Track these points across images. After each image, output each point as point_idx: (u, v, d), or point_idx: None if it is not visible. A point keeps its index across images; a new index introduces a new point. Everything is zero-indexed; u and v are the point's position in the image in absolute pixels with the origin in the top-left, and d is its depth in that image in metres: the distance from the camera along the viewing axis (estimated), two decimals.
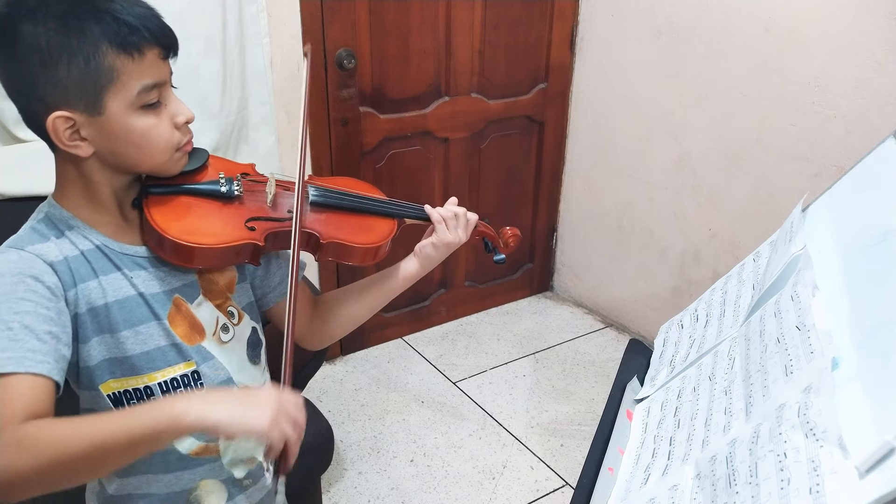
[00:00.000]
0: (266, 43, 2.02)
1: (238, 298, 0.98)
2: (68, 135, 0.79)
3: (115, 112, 0.79)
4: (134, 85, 0.79)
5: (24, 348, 0.75)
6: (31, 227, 0.85)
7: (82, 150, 0.80)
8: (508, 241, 1.22)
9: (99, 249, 0.85)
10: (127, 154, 0.83)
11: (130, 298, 0.86)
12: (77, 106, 0.78)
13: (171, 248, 0.86)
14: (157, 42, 0.80)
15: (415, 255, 1.09)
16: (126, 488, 0.93)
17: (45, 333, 0.77)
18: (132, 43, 0.77)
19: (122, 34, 0.77)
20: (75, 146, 0.80)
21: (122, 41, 0.77)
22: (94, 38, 0.76)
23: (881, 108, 1.84)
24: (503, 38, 2.52)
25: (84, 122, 0.79)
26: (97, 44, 0.76)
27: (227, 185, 0.92)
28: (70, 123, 0.78)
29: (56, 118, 0.77)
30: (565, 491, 2.02)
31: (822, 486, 0.55)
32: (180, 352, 0.89)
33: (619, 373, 1.02)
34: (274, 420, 0.73)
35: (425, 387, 2.47)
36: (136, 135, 0.81)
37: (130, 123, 0.81)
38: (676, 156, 2.43)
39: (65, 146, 0.79)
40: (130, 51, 0.78)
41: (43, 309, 0.78)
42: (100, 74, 0.77)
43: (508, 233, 1.22)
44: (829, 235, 0.86)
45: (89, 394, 0.87)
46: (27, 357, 0.74)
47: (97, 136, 0.80)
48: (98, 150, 0.81)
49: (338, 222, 1.00)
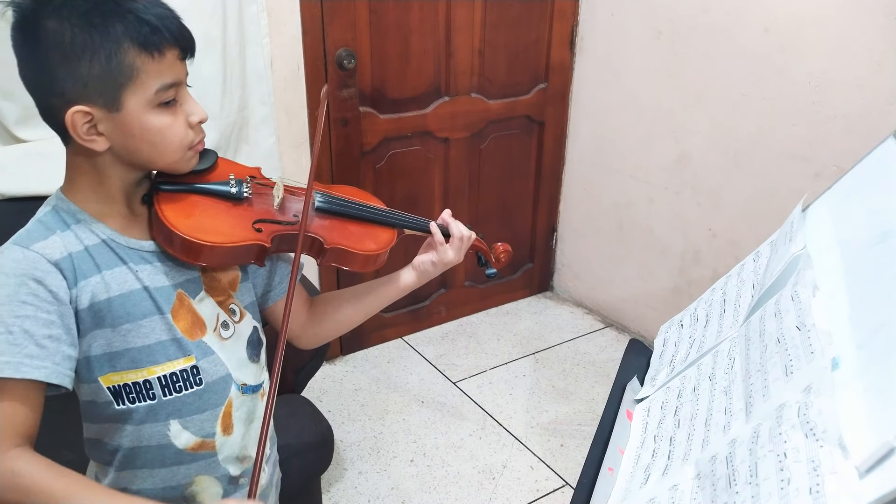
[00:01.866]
0: (266, 43, 2.02)
1: (240, 297, 0.99)
2: (86, 129, 0.80)
3: (132, 109, 0.81)
4: (153, 83, 0.81)
5: (22, 353, 0.76)
6: (37, 220, 0.86)
7: (98, 145, 0.82)
8: (500, 257, 1.28)
9: (105, 244, 0.86)
10: (141, 150, 0.84)
11: (135, 292, 0.87)
12: (96, 101, 0.79)
13: (180, 245, 0.87)
14: (177, 43, 0.82)
15: (413, 268, 1.11)
16: (121, 482, 0.94)
17: (44, 338, 0.78)
18: (153, 43, 0.79)
19: (143, 34, 0.79)
20: (92, 140, 0.81)
21: (143, 40, 0.79)
22: (117, 36, 0.77)
23: (881, 108, 1.84)
24: (503, 38, 2.52)
25: (102, 117, 0.80)
26: (119, 42, 0.78)
27: (237, 187, 0.94)
28: (88, 118, 0.80)
29: (75, 112, 0.78)
30: (565, 491, 2.02)
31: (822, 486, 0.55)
32: (181, 346, 0.90)
33: (619, 373, 1.02)
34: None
35: (425, 387, 2.47)
36: (152, 132, 0.83)
37: (147, 121, 0.82)
38: (676, 156, 2.43)
39: (82, 140, 0.81)
40: (151, 50, 0.79)
41: (44, 313, 0.79)
42: (120, 72, 0.79)
43: (500, 248, 1.27)
44: (829, 235, 0.86)
45: (89, 386, 0.88)
46: (24, 363, 0.76)
47: (114, 131, 0.82)
48: (113, 145, 0.83)
49: (341, 229, 1.03)
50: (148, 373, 0.88)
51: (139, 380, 0.88)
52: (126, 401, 0.88)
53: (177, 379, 0.90)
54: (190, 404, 0.92)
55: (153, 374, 0.89)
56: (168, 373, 0.90)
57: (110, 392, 0.88)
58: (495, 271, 1.27)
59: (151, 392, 0.89)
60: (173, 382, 0.90)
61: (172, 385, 0.90)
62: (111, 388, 0.88)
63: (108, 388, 0.87)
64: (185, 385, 0.91)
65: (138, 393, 0.89)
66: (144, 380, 0.88)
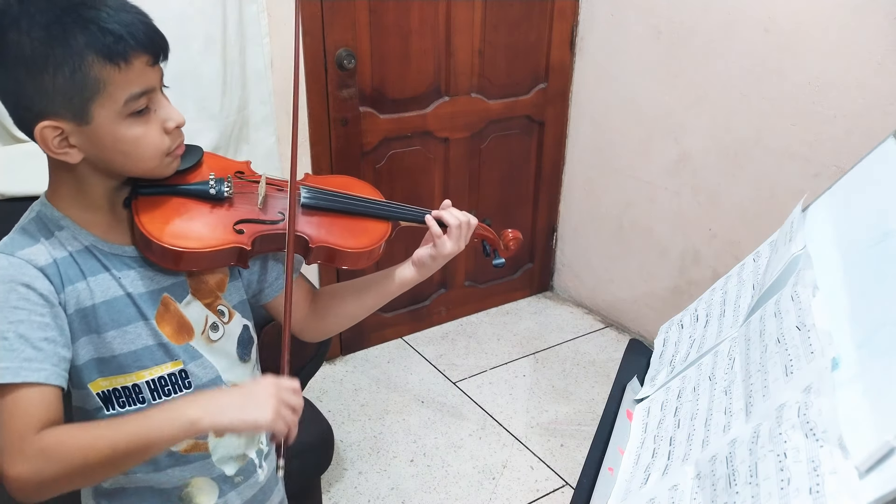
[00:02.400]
0: (266, 43, 2.02)
1: (229, 297, 0.98)
2: (57, 143, 0.78)
3: (102, 122, 0.78)
4: (121, 95, 0.78)
5: (20, 358, 0.76)
6: (21, 228, 0.85)
7: (72, 157, 0.80)
8: (509, 244, 1.18)
9: (88, 250, 0.85)
10: (115, 161, 0.82)
11: (118, 299, 0.86)
12: (64, 115, 0.77)
13: (158, 252, 0.85)
14: (144, 49, 0.78)
15: (412, 263, 1.06)
16: (120, 482, 0.94)
17: (40, 341, 0.78)
18: (118, 52, 0.76)
19: (107, 44, 0.75)
20: (64, 153, 0.79)
21: (107, 51, 0.75)
22: (80, 48, 0.74)
23: (881, 108, 1.84)
24: (503, 38, 2.52)
25: (72, 130, 0.78)
26: (82, 54, 0.74)
27: (217, 187, 0.90)
28: (58, 132, 0.77)
29: (44, 128, 0.76)
30: (565, 491, 2.02)
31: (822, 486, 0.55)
32: (167, 351, 0.90)
33: (619, 373, 1.02)
34: (276, 412, 0.79)
35: (425, 387, 2.47)
36: (125, 143, 0.81)
37: (119, 132, 0.80)
38: (676, 156, 2.43)
39: (54, 154, 0.79)
40: (117, 60, 0.76)
41: (37, 316, 0.79)
42: (86, 85, 0.76)
43: (510, 235, 1.18)
44: (829, 235, 0.86)
45: (79, 392, 0.88)
46: (24, 367, 0.76)
47: (86, 143, 0.79)
48: (88, 156, 0.81)
49: (329, 225, 0.98)
50: (136, 377, 0.88)
51: (128, 384, 0.88)
52: (116, 405, 0.88)
53: (165, 383, 0.90)
54: None
55: (142, 378, 0.88)
56: (156, 377, 0.89)
57: (100, 398, 0.87)
58: (503, 261, 1.15)
59: (141, 396, 0.89)
60: (162, 387, 0.90)
61: (161, 389, 0.90)
62: (100, 393, 0.87)
63: (98, 394, 0.87)
64: (174, 389, 0.91)
65: (128, 397, 0.88)
66: (133, 384, 0.88)
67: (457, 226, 1.03)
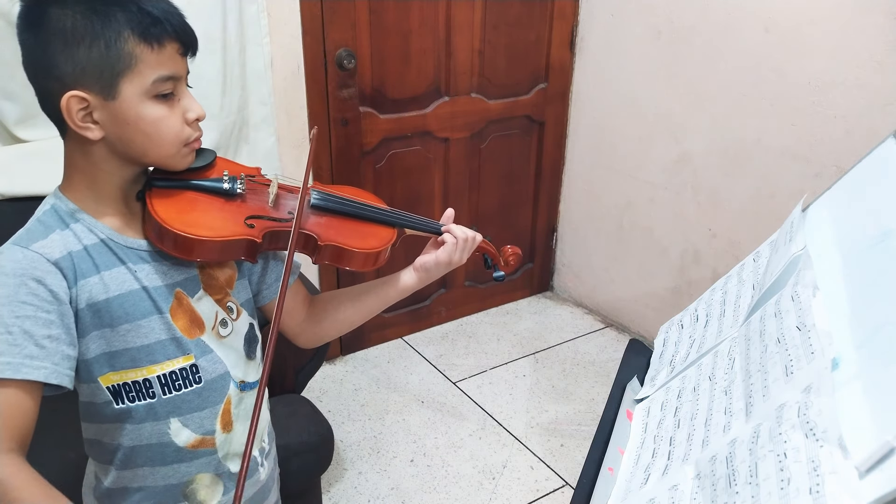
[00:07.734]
0: (266, 43, 2.02)
1: (237, 294, 0.99)
2: (81, 116, 0.80)
3: (128, 98, 0.81)
4: (150, 74, 0.81)
5: (22, 354, 0.76)
6: (37, 220, 0.86)
7: (93, 133, 0.82)
8: (509, 260, 1.24)
9: (104, 243, 0.86)
10: (135, 141, 0.84)
11: (134, 293, 0.87)
12: (93, 88, 0.79)
13: (171, 240, 0.87)
14: (178, 37, 0.83)
15: (414, 269, 1.09)
16: (122, 481, 0.94)
17: (44, 338, 0.78)
18: (153, 34, 0.80)
19: (144, 24, 0.79)
20: (86, 128, 0.81)
21: (144, 31, 0.79)
22: (118, 24, 0.78)
23: (881, 108, 1.84)
24: (503, 38, 2.52)
25: (98, 104, 0.80)
26: (120, 30, 0.78)
27: (230, 183, 0.93)
28: (84, 104, 0.80)
29: (71, 97, 0.79)
30: (565, 491, 2.02)
31: (822, 486, 0.55)
32: (180, 345, 0.90)
33: (619, 373, 1.02)
34: None
35: (425, 387, 2.47)
36: (146, 122, 0.83)
37: (142, 111, 0.82)
38: (676, 156, 2.43)
39: (77, 127, 0.81)
40: (151, 41, 0.80)
41: (43, 313, 0.79)
42: (119, 59, 0.79)
43: (509, 251, 1.23)
44: (829, 235, 0.86)
45: (88, 386, 0.88)
46: (24, 363, 0.76)
47: (108, 120, 0.82)
48: (108, 134, 0.83)
49: (338, 226, 1.01)
50: (147, 372, 0.88)
51: (139, 378, 0.88)
52: (125, 400, 0.88)
53: (176, 377, 0.90)
54: (189, 402, 0.92)
55: (153, 372, 0.89)
56: (167, 371, 0.90)
57: (109, 392, 0.88)
58: (503, 274, 1.22)
59: (151, 391, 0.89)
60: (173, 381, 0.90)
61: (172, 384, 0.90)
62: (110, 387, 0.88)
63: (108, 388, 0.88)
64: (184, 383, 0.91)
65: (138, 392, 0.89)
66: (144, 379, 0.88)
67: (463, 238, 1.08)
